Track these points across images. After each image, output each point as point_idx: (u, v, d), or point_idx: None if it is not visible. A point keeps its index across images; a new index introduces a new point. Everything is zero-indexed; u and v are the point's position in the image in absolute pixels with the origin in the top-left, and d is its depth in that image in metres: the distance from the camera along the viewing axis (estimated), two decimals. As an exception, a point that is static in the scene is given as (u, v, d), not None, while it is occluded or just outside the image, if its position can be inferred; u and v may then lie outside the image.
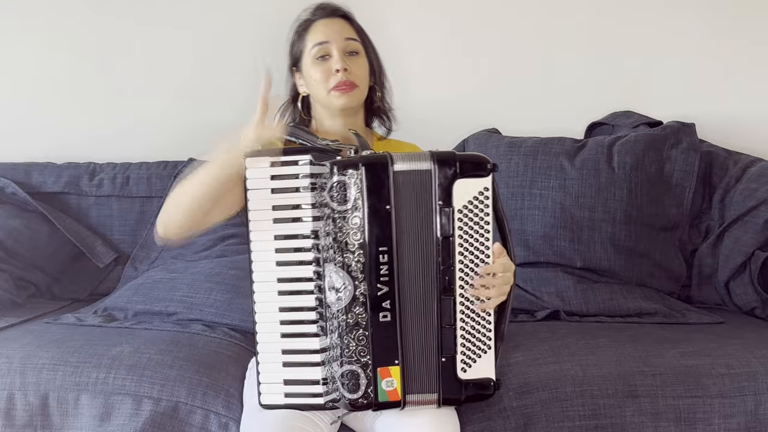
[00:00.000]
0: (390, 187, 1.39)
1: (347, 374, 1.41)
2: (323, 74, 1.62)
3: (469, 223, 1.42)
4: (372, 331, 1.40)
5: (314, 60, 1.63)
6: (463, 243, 1.42)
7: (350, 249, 1.39)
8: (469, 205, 1.41)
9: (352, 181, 1.38)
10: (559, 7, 2.50)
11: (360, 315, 1.40)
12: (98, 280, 2.37)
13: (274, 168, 1.43)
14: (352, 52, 1.63)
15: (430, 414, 1.44)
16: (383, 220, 1.39)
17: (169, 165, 2.42)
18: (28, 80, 2.53)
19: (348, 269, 1.39)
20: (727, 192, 2.28)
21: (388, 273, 1.40)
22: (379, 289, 1.40)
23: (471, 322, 1.44)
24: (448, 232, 1.40)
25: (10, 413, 1.65)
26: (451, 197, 1.40)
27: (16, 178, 2.36)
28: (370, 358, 1.41)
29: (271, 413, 1.45)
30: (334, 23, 1.65)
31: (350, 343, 1.40)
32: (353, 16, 1.69)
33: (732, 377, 1.67)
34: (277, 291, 1.44)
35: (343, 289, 1.39)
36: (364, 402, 1.41)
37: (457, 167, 1.40)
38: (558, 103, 2.52)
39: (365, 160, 1.39)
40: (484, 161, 1.42)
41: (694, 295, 2.27)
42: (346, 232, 1.38)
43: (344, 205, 1.38)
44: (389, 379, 1.41)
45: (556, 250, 2.19)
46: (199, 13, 2.50)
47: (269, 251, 1.43)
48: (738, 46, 2.49)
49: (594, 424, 1.61)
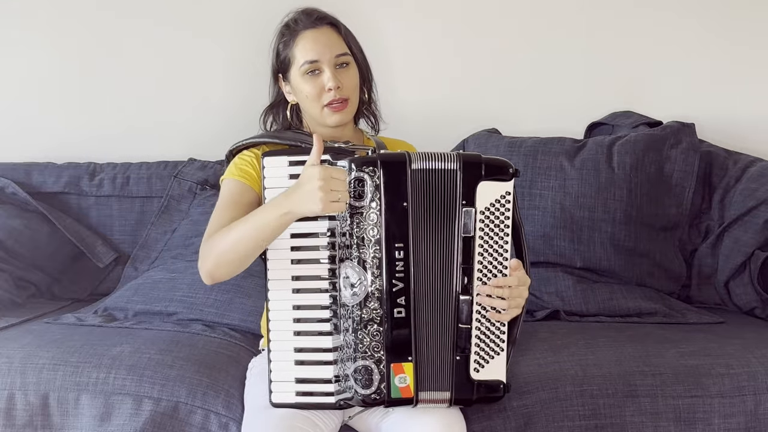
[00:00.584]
0: (408, 184, 1.41)
1: (360, 369, 1.41)
2: (315, 90, 1.59)
3: (489, 225, 1.43)
4: (386, 326, 1.41)
5: (304, 75, 1.60)
6: (483, 245, 1.43)
7: (366, 244, 1.40)
8: (491, 207, 1.43)
9: (369, 178, 1.39)
10: (560, 7, 2.50)
11: (375, 310, 1.41)
12: (98, 280, 2.37)
13: (292, 167, 1.45)
14: (343, 63, 1.61)
15: (438, 414, 1.44)
16: (400, 217, 1.40)
17: (169, 165, 2.42)
18: (28, 80, 2.52)
19: (364, 264, 1.40)
20: (727, 192, 2.28)
21: (403, 269, 1.41)
22: (395, 285, 1.41)
23: (486, 323, 1.45)
24: (469, 233, 1.42)
25: (10, 413, 1.65)
26: (475, 198, 1.42)
27: (16, 178, 2.36)
28: (383, 354, 1.41)
29: (272, 413, 1.45)
30: (322, 34, 1.61)
31: (364, 338, 1.41)
32: (340, 22, 1.66)
33: (732, 377, 1.67)
34: (291, 289, 1.44)
35: (358, 284, 1.41)
36: (376, 398, 1.42)
37: (483, 169, 1.42)
38: (558, 103, 2.52)
39: (383, 158, 1.41)
40: (507, 165, 1.44)
41: (694, 295, 2.27)
42: (363, 228, 1.40)
43: (361, 200, 1.40)
44: (402, 375, 1.42)
45: (555, 250, 2.19)
46: (199, 13, 2.50)
47: (285, 249, 1.44)
48: (738, 47, 2.49)
49: (594, 424, 1.61)
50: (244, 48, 2.49)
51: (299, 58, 1.61)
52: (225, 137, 2.47)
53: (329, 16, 1.65)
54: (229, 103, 2.52)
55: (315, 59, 1.59)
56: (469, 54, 2.52)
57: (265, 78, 1.73)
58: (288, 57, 1.63)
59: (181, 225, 2.31)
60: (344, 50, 1.62)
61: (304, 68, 1.60)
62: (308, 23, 1.62)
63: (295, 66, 1.62)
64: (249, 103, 2.46)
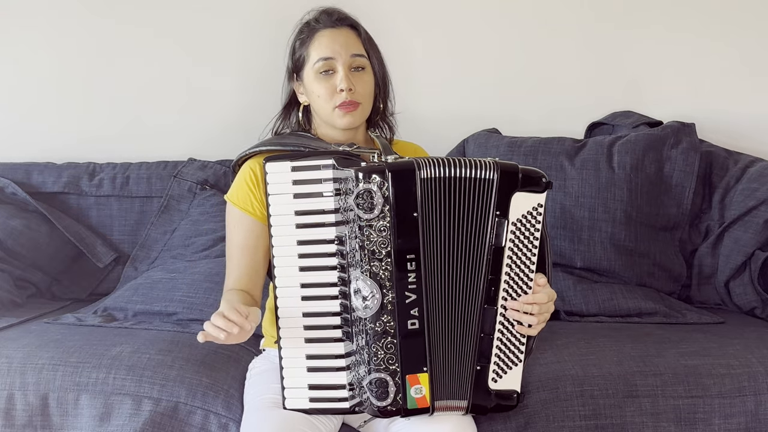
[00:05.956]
0: (417, 193, 1.37)
1: (375, 382, 1.39)
2: (327, 91, 1.55)
3: (520, 237, 1.41)
4: (400, 339, 1.38)
5: (317, 74, 1.56)
6: (512, 256, 1.41)
7: (378, 257, 1.37)
8: (522, 219, 1.41)
9: (378, 188, 1.35)
10: (560, 7, 2.49)
11: (388, 323, 1.38)
12: (98, 280, 2.37)
13: (295, 173, 1.42)
14: (358, 67, 1.57)
15: (452, 422, 1.43)
16: (411, 228, 1.37)
17: (169, 165, 2.42)
18: (28, 80, 2.52)
19: (376, 277, 1.37)
20: (727, 192, 2.28)
21: (415, 281, 1.38)
22: (407, 297, 1.38)
23: (507, 334, 1.44)
24: (501, 243, 1.40)
25: (10, 413, 1.64)
26: (508, 209, 1.39)
27: (16, 178, 2.36)
28: (398, 366, 1.39)
29: (271, 414, 1.45)
30: (340, 35, 1.58)
31: (378, 351, 1.39)
32: (360, 25, 1.62)
33: (732, 377, 1.67)
34: (300, 296, 1.42)
35: (371, 297, 1.38)
36: (392, 409, 1.40)
37: (519, 179, 1.40)
38: (558, 103, 2.52)
39: (392, 167, 1.37)
40: (541, 176, 1.42)
41: (694, 295, 2.27)
42: (374, 240, 1.36)
43: (371, 213, 1.35)
44: (418, 386, 1.40)
45: (556, 250, 2.19)
46: (199, 13, 2.50)
47: (292, 256, 1.42)
48: (738, 46, 2.49)
49: (594, 424, 1.61)
50: (245, 48, 2.49)
51: (314, 56, 1.57)
52: (225, 137, 2.49)
53: (350, 18, 1.62)
54: (230, 103, 2.51)
55: (329, 56, 1.55)
56: (469, 54, 2.52)
57: (266, 78, 1.72)
58: (303, 55, 1.60)
59: (180, 225, 2.31)
60: (361, 51, 1.58)
61: (317, 66, 1.56)
62: (328, 23, 1.59)
63: (309, 64, 1.58)
64: (249, 103, 2.47)
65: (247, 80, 2.49)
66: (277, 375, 1.47)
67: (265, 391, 1.52)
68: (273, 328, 1.54)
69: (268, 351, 1.66)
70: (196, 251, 2.22)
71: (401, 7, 2.50)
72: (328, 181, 1.40)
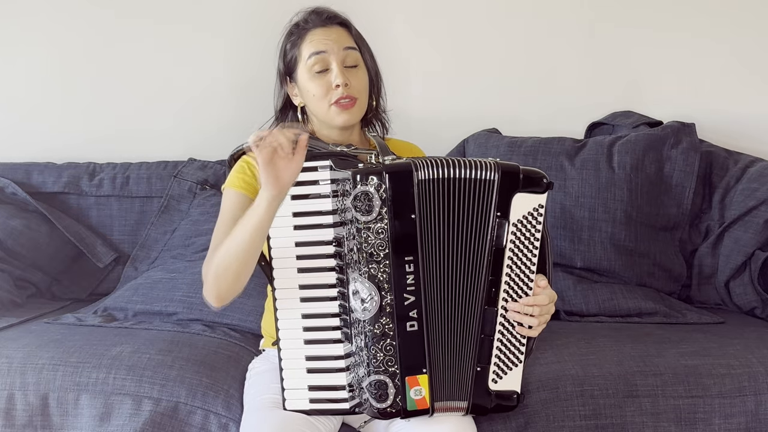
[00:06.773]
0: (414, 195, 1.36)
1: (375, 384, 1.39)
2: (322, 89, 1.54)
3: (520, 238, 1.41)
4: (399, 341, 1.38)
5: (312, 73, 1.55)
6: (513, 257, 1.41)
7: (376, 259, 1.36)
8: (523, 220, 1.41)
9: (375, 190, 1.35)
10: (560, 7, 2.49)
11: (387, 325, 1.38)
12: (98, 280, 2.37)
13: None
14: (352, 65, 1.56)
15: (452, 422, 1.43)
16: (408, 230, 1.37)
17: (169, 165, 2.42)
18: (29, 80, 2.52)
19: (374, 280, 1.37)
20: (727, 192, 2.28)
21: (414, 282, 1.38)
22: (406, 299, 1.38)
23: (508, 335, 1.44)
24: (501, 244, 1.40)
25: (10, 413, 1.64)
26: (509, 210, 1.39)
27: (16, 178, 2.36)
28: (397, 368, 1.39)
29: (271, 414, 1.45)
30: (332, 32, 1.57)
31: (377, 353, 1.38)
32: (351, 22, 1.61)
33: (732, 377, 1.67)
34: (299, 298, 1.42)
35: (369, 299, 1.37)
36: (392, 411, 1.40)
37: (520, 180, 1.39)
38: (558, 103, 2.52)
39: (389, 169, 1.36)
40: (542, 177, 1.41)
41: (694, 295, 2.27)
42: (371, 243, 1.36)
43: (369, 215, 1.35)
44: (417, 387, 1.40)
45: (555, 250, 2.19)
46: (200, 12, 2.50)
47: (290, 258, 1.42)
48: (738, 47, 2.49)
49: (594, 424, 1.61)
50: (246, 47, 2.49)
51: (305, 54, 1.56)
52: (225, 137, 2.48)
53: (340, 16, 1.61)
54: (230, 103, 2.51)
55: (322, 50, 1.54)
56: (469, 54, 2.52)
57: (265, 78, 1.72)
58: (295, 56, 1.59)
59: (181, 225, 2.31)
60: (353, 45, 1.57)
61: (311, 63, 1.55)
62: (318, 22, 1.58)
63: (301, 63, 1.57)
64: (249, 103, 2.47)
65: (248, 80, 2.49)
66: (277, 375, 1.46)
67: (265, 392, 1.52)
68: (272, 328, 1.53)
69: (268, 351, 1.67)
70: (197, 251, 2.22)
71: (401, 7, 2.50)
72: (326, 182, 1.40)
